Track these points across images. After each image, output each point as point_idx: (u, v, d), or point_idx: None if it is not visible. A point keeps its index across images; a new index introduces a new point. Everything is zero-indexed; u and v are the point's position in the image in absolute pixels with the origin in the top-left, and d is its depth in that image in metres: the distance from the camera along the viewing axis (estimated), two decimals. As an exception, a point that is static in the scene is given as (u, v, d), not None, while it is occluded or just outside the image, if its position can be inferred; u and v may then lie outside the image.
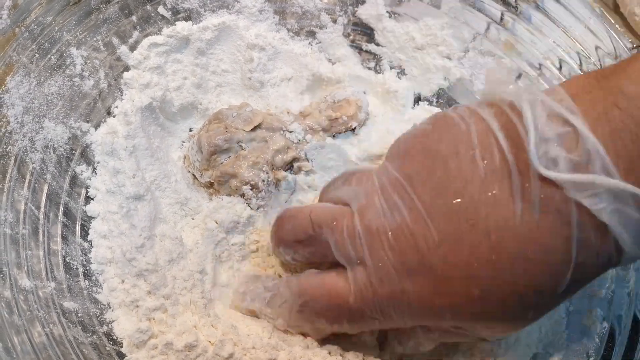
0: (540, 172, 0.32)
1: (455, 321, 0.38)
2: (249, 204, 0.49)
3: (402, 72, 0.60)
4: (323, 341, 0.45)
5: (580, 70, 0.57)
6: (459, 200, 0.35)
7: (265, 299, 0.45)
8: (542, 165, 0.33)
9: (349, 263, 0.39)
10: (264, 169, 0.49)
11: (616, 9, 0.76)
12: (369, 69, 0.60)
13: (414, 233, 0.36)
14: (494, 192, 0.34)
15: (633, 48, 0.73)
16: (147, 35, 0.55)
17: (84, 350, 0.44)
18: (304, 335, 0.45)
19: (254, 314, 0.47)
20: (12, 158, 0.48)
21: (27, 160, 0.48)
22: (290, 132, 0.51)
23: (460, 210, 0.35)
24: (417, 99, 0.60)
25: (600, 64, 0.56)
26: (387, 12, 0.60)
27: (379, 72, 0.60)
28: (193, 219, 0.51)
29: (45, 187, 0.49)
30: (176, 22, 0.56)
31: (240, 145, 0.50)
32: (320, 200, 0.46)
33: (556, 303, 0.37)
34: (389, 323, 0.39)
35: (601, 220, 0.32)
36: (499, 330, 0.39)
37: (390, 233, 0.36)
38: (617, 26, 0.75)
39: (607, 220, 0.32)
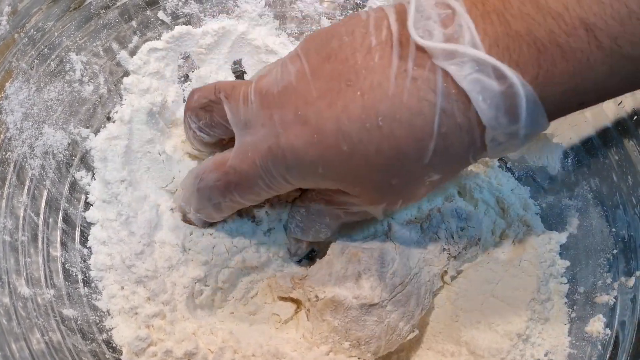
0: (416, 40, 0.36)
1: (326, 179, 0.41)
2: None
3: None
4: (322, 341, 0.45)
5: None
6: (343, 64, 0.38)
7: (182, 197, 0.48)
8: (419, 35, 0.36)
9: (238, 128, 0.42)
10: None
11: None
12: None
13: (297, 90, 0.39)
14: (375, 59, 0.37)
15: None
16: (146, 41, 0.55)
17: (83, 358, 0.44)
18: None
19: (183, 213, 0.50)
20: (12, 164, 0.47)
21: (27, 167, 0.48)
22: None
23: (342, 73, 0.38)
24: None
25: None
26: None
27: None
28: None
29: (45, 194, 0.49)
30: (176, 27, 0.56)
31: None
32: None
33: (419, 175, 0.40)
34: (274, 185, 0.42)
35: (463, 91, 0.35)
36: (370, 198, 0.42)
37: (277, 93, 0.40)
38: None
39: (468, 88, 0.35)
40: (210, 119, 0.45)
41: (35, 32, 0.50)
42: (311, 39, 0.41)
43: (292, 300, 0.50)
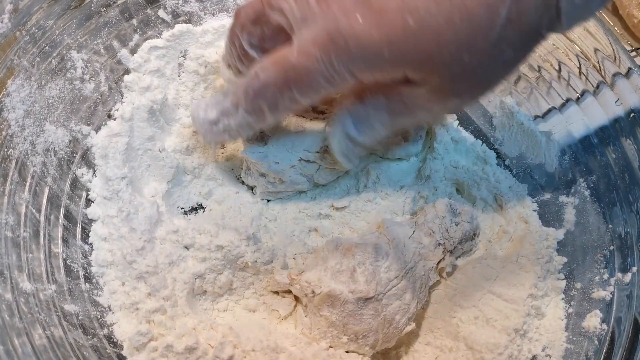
0: None
1: (392, 64, 0.38)
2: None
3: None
4: (320, 336, 0.45)
5: (580, 72, 0.57)
6: None
7: (220, 98, 0.46)
8: None
9: (296, 26, 0.40)
10: None
11: (615, 11, 0.76)
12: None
13: None
14: None
15: (632, 50, 0.73)
16: (147, 39, 0.56)
17: (84, 353, 0.44)
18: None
19: (206, 133, 0.47)
20: (13, 161, 0.48)
21: (28, 164, 0.48)
22: None
23: None
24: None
25: (599, 66, 0.56)
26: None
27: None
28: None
29: (46, 190, 0.49)
30: (176, 25, 0.56)
31: None
32: None
33: (492, 50, 0.37)
34: (335, 79, 0.40)
35: None
36: (438, 86, 0.39)
37: None
38: (615, 28, 0.76)
39: None
40: (262, 30, 0.43)
41: (36, 30, 0.51)
42: None
43: (290, 293, 0.50)
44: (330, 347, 0.48)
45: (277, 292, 0.51)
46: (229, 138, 0.47)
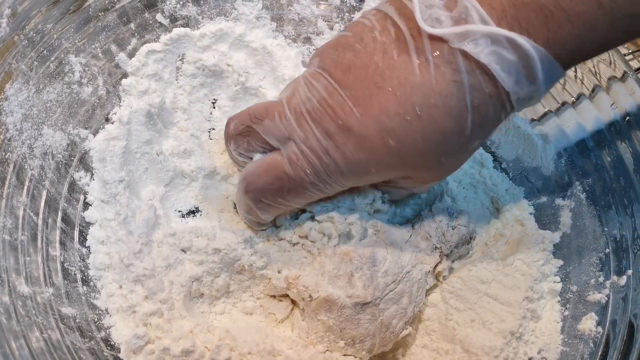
0: (428, 31, 0.38)
1: (380, 174, 0.43)
2: None
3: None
4: (317, 340, 0.45)
5: (575, 76, 0.58)
6: (365, 71, 0.40)
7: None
8: (429, 25, 0.38)
9: (281, 142, 0.44)
10: None
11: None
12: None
13: (331, 105, 0.41)
14: (394, 57, 0.39)
15: (629, 53, 0.74)
16: (145, 43, 0.56)
17: (81, 355, 0.44)
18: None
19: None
20: (11, 165, 0.48)
21: (26, 167, 0.49)
22: None
23: (367, 78, 0.40)
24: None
25: (595, 70, 0.57)
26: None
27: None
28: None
29: (44, 194, 0.49)
30: (174, 29, 0.56)
31: None
32: None
33: (465, 149, 0.43)
34: (327, 187, 0.44)
35: (484, 64, 0.37)
36: (422, 178, 0.45)
37: (312, 109, 0.42)
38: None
39: (486, 61, 0.37)
40: (248, 143, 0.46)
41: (34, 34, 0.51)
42: (324, 55, 0.43)
43: (287, 297, 0.50)
44: (327, 350, 0.48)
45: (274, 296, 0.51)
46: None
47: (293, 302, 0.51)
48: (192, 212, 0.54)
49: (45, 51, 0.51)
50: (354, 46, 0.41)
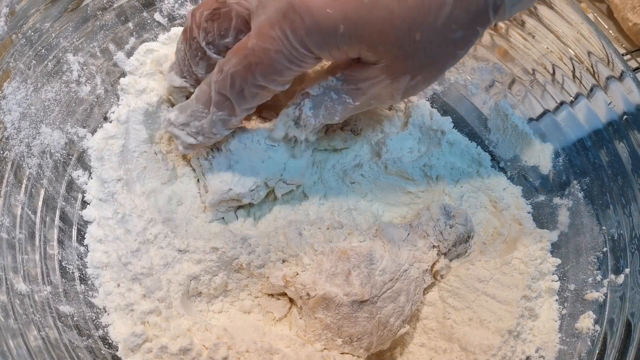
0: None
1: (349, 40, 0.40)
2: None
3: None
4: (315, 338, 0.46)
5: (573, 75, 0.58)
6: None
7: (189, 103, 0.47)
8: None
9: (253, 13, 0.41)
10: None
11: (610, 15, 0.77)
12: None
13: None
14: None
15: (627, 53, 0.74)
16: (143, 42, 0.56)
17: (79, 354, 0.44)
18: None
19: (183, 140, 0.48)
20: (9, 163, 0.48)
21: (24, 166, 0.49)
22: None
23: None
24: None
25: (593, 70, 0.57)
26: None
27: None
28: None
29: (42, 192, 0.49)
30: (172, 28, 0.56)
31: None
32: None
33: (442, 30, 0.39)
34: (295, 57, 0.41)
35: None
36: (394, 65, 0.41)
37: None
38: (610, 32, 0.76)
39: None
40: (219, 26, 0.44)
41: (32, 33, 0.51)
42: None
43: (285, 296, 0.50)
44: (325, 349, 0.48)
45: (272, 295, 0.51)
46: (203, 140, 0.47)
47: (291, 300, 0.51)
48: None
49: (43, 50, 0.51)
50: None
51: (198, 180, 0.52)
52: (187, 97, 0.49)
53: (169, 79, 0.50)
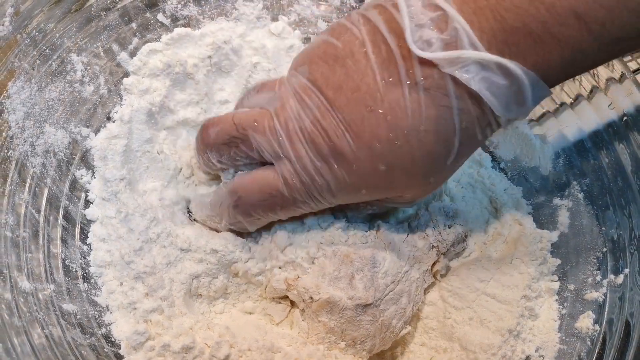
0: (418, 54, 0.37)
1: (370, 195, 0.44)
2: None
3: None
4: (318, 341, 0.46)
5: (574, 78, 0.58)
6: (358, 92, 0.40)
7: (207, 204, 0.49)
8: (419, 48, 0.37)
9: (274, 158, 0.44)
10: None
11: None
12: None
13: (324, 127, 0.41)
14: (385, 79, 0.39)
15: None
16: (146, 42, 0.56)
17: (82, 351, 0.44)
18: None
19: (204, 224, 0.51)
20: (13, 162, 0.48)
21: (28, 165, 0.49)
22: None
23: (359, 100, 0.40)
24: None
25: (594, 72, 0.57)
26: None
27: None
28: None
29: (46, 191, 0.49)
30: (175, 29, 0.57)
31: None
32: (236, 109, 0.50)
33: (452, 167, 0.43)
34: (317, 204, 0.45)
35: (474, 91, 0.37)
36: (410, 196, 0.45)
37: (305, 129, 0.42)
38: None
39: (477, 88, 0.37)
40: (235, 153, 0.46)
41: (37, 33, 0.51)
42: (314, 66, 0.42)
43: (286, 299, 0.51)
44: (327, 349, 0.48)
45: (272, 299, 0.51)
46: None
47: (292, 303, 0.51)
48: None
49: (47, 50, 0.52)
50: (345, 61, 0.40)
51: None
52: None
53: (196, 173, 0.54)
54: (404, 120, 0.39)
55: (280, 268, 0.49)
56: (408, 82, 0.38)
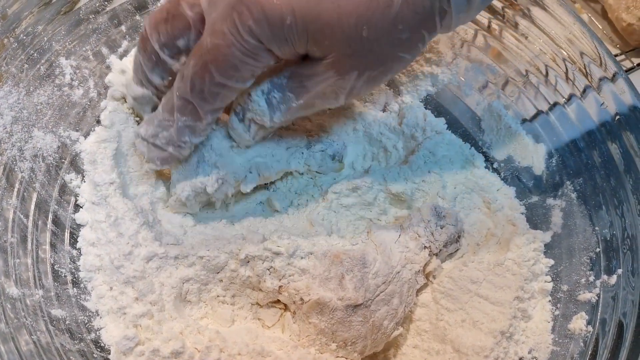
0: None
1: (296, 32, 0.40)
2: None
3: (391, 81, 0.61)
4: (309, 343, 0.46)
5: (566, 76, 0.58)
6: None
7: (156, 116, 0.47)
8: None
9: (206, 13, 0.42)
10: None
11: (604, 15, 0.77)
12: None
13: None
14: None
15: (620, 54, 0.74)
16: (136, 45, 0.56)
17: (71, 357, 0.44)
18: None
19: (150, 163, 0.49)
20: (1, 167, 0.48)
21: (16, 169, 0.49)
22: None
23: None
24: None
25: (586, 70, 0.57)
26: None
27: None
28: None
29: (35, 196, 0.49)
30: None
31: None
32: None
33: (389, 28, 0.40)
34: (248, 50, 0.41)
35: None
36: (338, 57, 0.41)
37: None
38: (604, 31, 0.76)
39: None
40: (172, 27, 0.44)
41: (25, 37, 0.51)
42: None
43: (278, 303, 0.50)
44: (318, 351, 0.48)
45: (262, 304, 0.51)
46: (174, 151, 0.47)
47: (285, 307, 0.50)
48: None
49: (35, 54, 0.51)
50: None
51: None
52: (154, 110, 0.49)
53: (128, 91, 0.50)
54: None
55: (269, 270, 0.49)
56: None
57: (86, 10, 0.54)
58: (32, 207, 0.49)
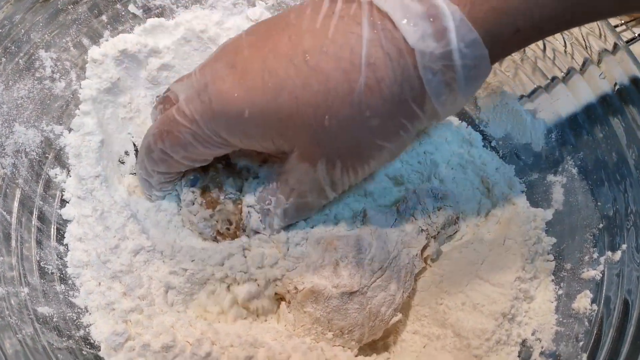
0: None
1: (255, 126, 0.40)
2: None
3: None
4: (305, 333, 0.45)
5: (565, 50, 0.56)
6: (277, 20, 0.40)
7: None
8: None
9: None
10: None
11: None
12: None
13: (229, 46, 0.41)
14: (307, 12, 0.38)
15: (620, 24, 0.72)
16: (118, 35, 0.54)
17: (59, 355, 0.43)
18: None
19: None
20: (-19, 164, 0.47)
21: (-2, 166, 0.48)
22: None
23: (274, 25, 0.40)
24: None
25: (585, 43, 0.55)
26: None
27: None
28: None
29: (18, 192, 0.48)
30: (148, 20, 0.55)
31: None
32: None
33: (354, 115, 0.38)
34: (201, 137, 0.41)
35: (389, 18, 0.35)
36: (303, 146, 0.40)
37: (213, 55, 0.42)
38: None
39: (390, 11, 0.35)
40: (163, 107, 0.45)
41: (1, 30, 0.50)
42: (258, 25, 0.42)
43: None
44: (314, 341, 0.47)
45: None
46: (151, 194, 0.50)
47: (281, 298, 0.49)
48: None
49: (13, 47, 0.50)
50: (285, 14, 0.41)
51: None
52: None
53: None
54: (306, 40, 0.37)
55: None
56: (326, 10, 0.38)
57: (64, 1, 0.53)
58: (16, 203, 0.48)
